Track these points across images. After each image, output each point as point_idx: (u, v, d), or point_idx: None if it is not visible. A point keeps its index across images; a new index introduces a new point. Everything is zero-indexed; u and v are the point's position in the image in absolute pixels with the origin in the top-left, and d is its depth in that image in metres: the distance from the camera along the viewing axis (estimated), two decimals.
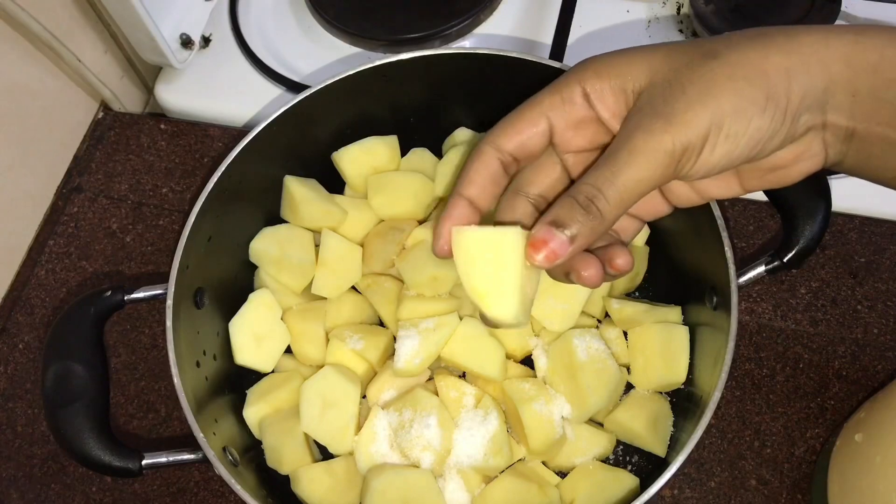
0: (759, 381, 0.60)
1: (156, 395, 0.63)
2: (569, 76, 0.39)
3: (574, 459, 0.53)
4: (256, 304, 0.57)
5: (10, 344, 0.67)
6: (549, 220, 0.37)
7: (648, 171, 0.36)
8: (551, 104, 0.39)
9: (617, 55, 0.39)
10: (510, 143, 0.40)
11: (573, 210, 0.36)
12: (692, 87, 0.35)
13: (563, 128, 0.40)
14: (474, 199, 0.41)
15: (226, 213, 0.56)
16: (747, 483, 0.57)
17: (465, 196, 0.41)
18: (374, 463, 0.53)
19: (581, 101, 0.39)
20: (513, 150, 0.40)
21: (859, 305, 0.62)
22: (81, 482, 0.61)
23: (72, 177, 0.74)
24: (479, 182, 0.41)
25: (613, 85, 0.38)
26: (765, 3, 0.72)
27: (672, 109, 0.35)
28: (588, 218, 0.36)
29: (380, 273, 0.60)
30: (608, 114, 0.39)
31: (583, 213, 0.36)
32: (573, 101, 0.39)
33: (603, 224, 0.37)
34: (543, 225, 0.37)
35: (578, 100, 0.39)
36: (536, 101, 0.40)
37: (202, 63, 0.77)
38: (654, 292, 0.61)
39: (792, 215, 0.50)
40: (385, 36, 0.75)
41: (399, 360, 0.53)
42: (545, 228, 0.37)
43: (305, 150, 0.60)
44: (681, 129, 0.35)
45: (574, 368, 0.52)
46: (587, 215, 0.36)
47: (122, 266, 0.69)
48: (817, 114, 0.36)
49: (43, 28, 0.66)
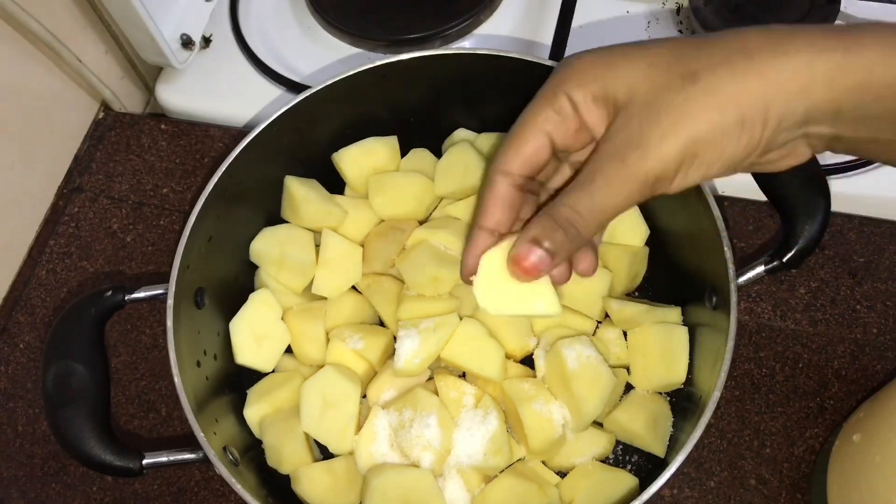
0: (758, 381, 0.60)
1: (156, 395, 0.63)
2: (554, 83, 0.40)
3: (574, 459, 0.53)
4: (257, 304, 0.57)
5: (11, 344, 0.67)
6: (529, 238, 0.39)
7: (622, 197, 0.37)
8: (546, 119, 0.40)
9: (599, 59, 0.39)
10: (516, 166, 0.42)
11: (554, 231, 0.38)
12: (667, 116, 0.36)
13: (562, 138, 0.41)
14: (494, 227, 0.43)
15: (226, 213, 0.56)
16: (747, 483, 0.57)
17: (485, 228, 0.43)
18: (374, 463, 0.53)
19: (571, 111, 0.40)
20: (521, 171, 0.42)
21: (858, 305, 0.62)
22: (82, 482, 0.61)
23: (72, 177, 0.74)
24: (496, 212, 0.42)
25: (595, 94, 0.39)
26: (764, 3, 0.72)
27: (647, 140, 0.36)
28: (567, 237, 0.38)
29: (380, 273, 0.60)
30: (592, 122, 0.40)
31: (562, 234, 0.38)
32: (564, 111, 0.40)
33: (580, 241, 0.39)
34: (525, 242, 0.39)
35: (569, 110, 0.40)
36: (531, 117, 0.41)
37: (203, 63, 0.77)
38: (654, 293, 0.61)
39: (791, 215, 0.50)
40: (385, 36, 0.75)
41: (399, 360, 0.53)
42: (526, 246, 0.39)
43: (305, 150, 0.60)
44: (653, 162, 0.36)
45: (567, 378, 0.52)
46: (566, 235, 0.38)
47: (123, 266, 0.69)
48: (796, 130, 0.36)
49: (43, 28, 0.66)
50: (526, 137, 0.41)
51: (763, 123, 0.35)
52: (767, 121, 0.35)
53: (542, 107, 0.40)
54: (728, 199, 0.67)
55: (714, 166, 0.36)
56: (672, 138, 0.35)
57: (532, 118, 0.41)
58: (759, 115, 0.35)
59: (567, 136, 0.40)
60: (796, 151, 0.38)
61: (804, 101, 0.35)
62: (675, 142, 0.35)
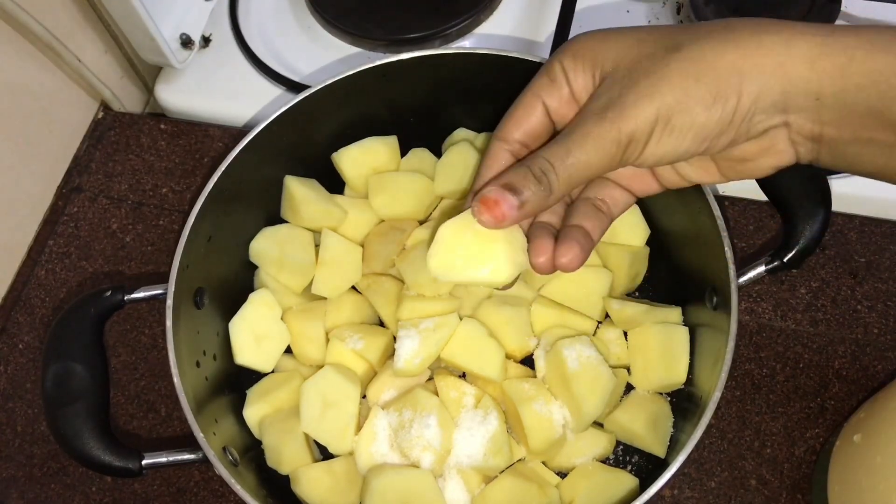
0: (759, 382, 0.60)
1: (156, 395, 0.63)
2: (553, 55, 0.42)
3: (574, 460, 0.53)
4: (256, 304, 0.57)
5: (10, 344, 0.67)
6: (502, 183, 0.39)
7: (596, 156, 0.38)
8: (541, 86, 0.42)
9: (596, 35, 0.41)
10: (515, 132, 0.42)
11: (527, 179, 0.38)
12: (645, 80, 0.37)
13: (557, 106, 0.42)
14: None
15: (226, 213, 0.56)
16: (747, 483, 0.57)
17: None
18: (374, 463, 0.53)
19: (562, 79, 0.41)
20: (519, 138, 0.42)
21: (859, 305, 0.62)
22: (81, 482, 0.61)
23: (72, 177, 0.74)
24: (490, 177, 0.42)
25: (585, 66, 0.40)
26: (764, 4, 0.72)
27: (623, 100, 0.37)
28: (539, 188, 0.38)
29: (380, 273, 0.60)
30: (580, 92, 0.41)
31: (535, 183, 0.38)
32: (557, 79, 0.41)
33: (551, 197, 0.39)
34: (497, 186, 0.39)
35: (561, 78, 0.41)
36: (530, 86, 0.43)
37: (202, 63, 0.77)
38: (655, 293, 0.61)
39: (792, 215, 0.50)
40: (385, 36, 0.75)
41: (399, 360, 0.53)
42: (498, 190, 0.38)
43: (305, 150, 0.60)
44: (627, 121, 0.37)
45: (567, 378, 0.52)
46: (539, 185, 0.38)
47: (122, 266, 0.69)
48: (775, 115, 0.36)
49: (43, 28, 0.66)
50: (524, 104, 0.42)
51: (737, 95, 0.36)
52: (742, 94, 0.36)
53: (540, 76, 0.42)
54: (729, 199, 0.67)
55: (686, 136, 0.37)
56: (647, 100, 0.36)
57: (530, 87, 0.42)
58: (734, 86, 0.36)
59: (561, 104, 0.41)
60: (776, 146, 0.38)
61: (781, 78, 0.35)
62: (649, 103, 0.36)
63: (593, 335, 0.57)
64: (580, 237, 0.41)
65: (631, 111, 0.37)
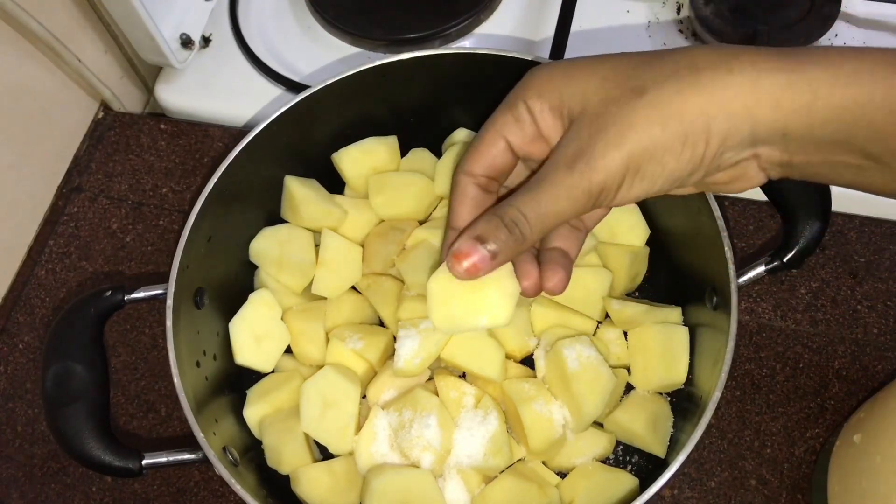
0: (758, 381, 0.60)
1: (156, 395, 0.63)
2: (517, 92, 0.41)
3: (574, 460, 0.53)
4: (256, 304, 0.57)
5: (10, 344, 0.67)
6: (474, 235, 0.39)
7: (567, 205, 0.38)
8: (504, 123, 0.42)
9: (558, 70, 0.40)
10: (478, 167, 0.43)
11: (498, 230, 0.38)
12: (613, 128, 0.36)
13: (520, 144, 0.42)
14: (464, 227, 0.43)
15: (226, 213, 0.56)
16: (747, 483, 0.57)
17: (457, 228, 0.43)
18: (374, 463, 0.53)
19: (528, 118, 0.41)
20: (483, 172, 0.43)
21: (859, 305, 0.62)
22: (81, 482, 0.61)
23: (72, 177, 0.74)
24: (464, 211, 0.43)
25: (552, 105, 0.40)
26: (765, 4, 0.72)
27: (592, 151, 0.37)
28: (511, 238, 0.38)
29: (380, 273, 0.60)
30: (547, 131, 0.41)
31: (506, 234, 0.38)
32: (522, 118, 0.41)
33: (524, 244, 0.39)
34: (468, 239, 0.39)
35: (526, 117, 0.41)
36: (492, 121, 0.42)
37: (202, 63, 0.77)
38: (655, 293, 0.61)
39: (792, 215, 0.50)
40: (385, 36, 0.75)
41: (399, 360, 0.53)
42: (470, 242, 0.39)
43: (305, 150, 0.60)
44: (597, 172, 0.36)
45: (567, 378, 0.52)
46: (510, 235, 0.38)
47: (122, 266, 0.69)
48: (744, 150, 0.36)
49: (43, 28, 0.66)
50: (486, 140, 0.42)
51: (706, 140, 0.35)
52: (710, 138, 0.35)
53: (503, 113, 0.42)
54: (729, 199, 0.67)
55: (657, 181, 0.37)
56: (615, 150, 0.36)
57: (493, 123, 0.42)
58: (702, 131, 0.35)
59: (525, 142, 0.41)
60: (747, 174, 0.38)
61: (748, 119, 0.35)
62: (618, 154, 0.36)
63: (593, 335, 0.57)
64: (560, 258, 0.43)
65: (600, 162, 0.36)
